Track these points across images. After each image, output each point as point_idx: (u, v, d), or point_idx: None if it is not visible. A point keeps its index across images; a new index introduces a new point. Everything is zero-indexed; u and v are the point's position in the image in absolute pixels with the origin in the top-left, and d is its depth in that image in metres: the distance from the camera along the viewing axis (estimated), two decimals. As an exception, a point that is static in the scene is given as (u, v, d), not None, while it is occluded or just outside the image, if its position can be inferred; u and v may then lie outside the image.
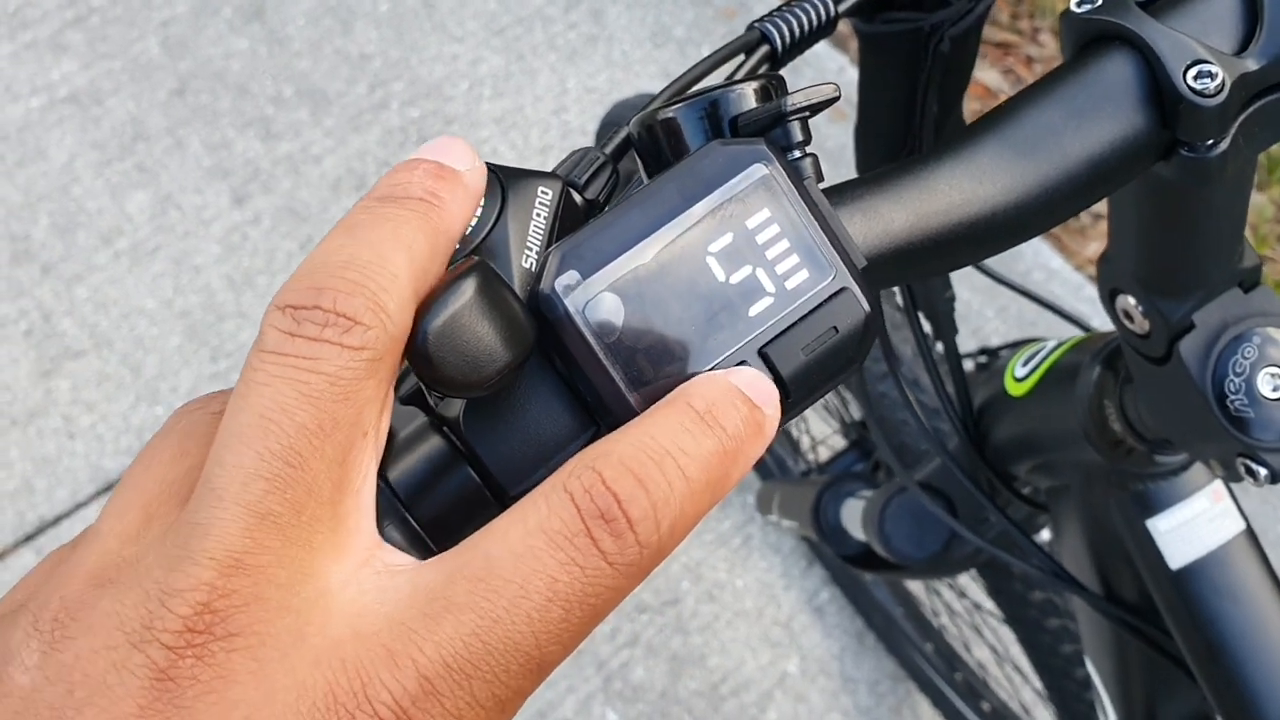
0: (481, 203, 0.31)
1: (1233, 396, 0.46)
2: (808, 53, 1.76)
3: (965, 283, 1.58)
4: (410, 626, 0.23)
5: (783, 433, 1.41)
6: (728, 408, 0.26)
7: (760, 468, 1.44)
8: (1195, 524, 0.58)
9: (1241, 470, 0.47)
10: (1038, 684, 1.13)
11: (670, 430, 0.26)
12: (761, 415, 0.27)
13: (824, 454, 1.37)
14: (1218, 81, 0.35)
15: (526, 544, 0.24)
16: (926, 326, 0.69)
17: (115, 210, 1.68)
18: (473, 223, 0.31)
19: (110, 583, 0.23)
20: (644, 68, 1.79)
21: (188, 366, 1.57)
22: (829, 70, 1.75)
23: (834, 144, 1.70)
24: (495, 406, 0.30)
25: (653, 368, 0.29)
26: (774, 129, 0.32)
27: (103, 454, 1.52)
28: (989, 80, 1.80)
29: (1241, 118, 0.37)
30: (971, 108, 1.73)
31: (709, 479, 0.25)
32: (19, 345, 1.59)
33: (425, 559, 0.26)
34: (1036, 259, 1.62)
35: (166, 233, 1.66)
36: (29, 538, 1.47)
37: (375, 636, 0.23)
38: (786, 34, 0.42)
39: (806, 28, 0.42)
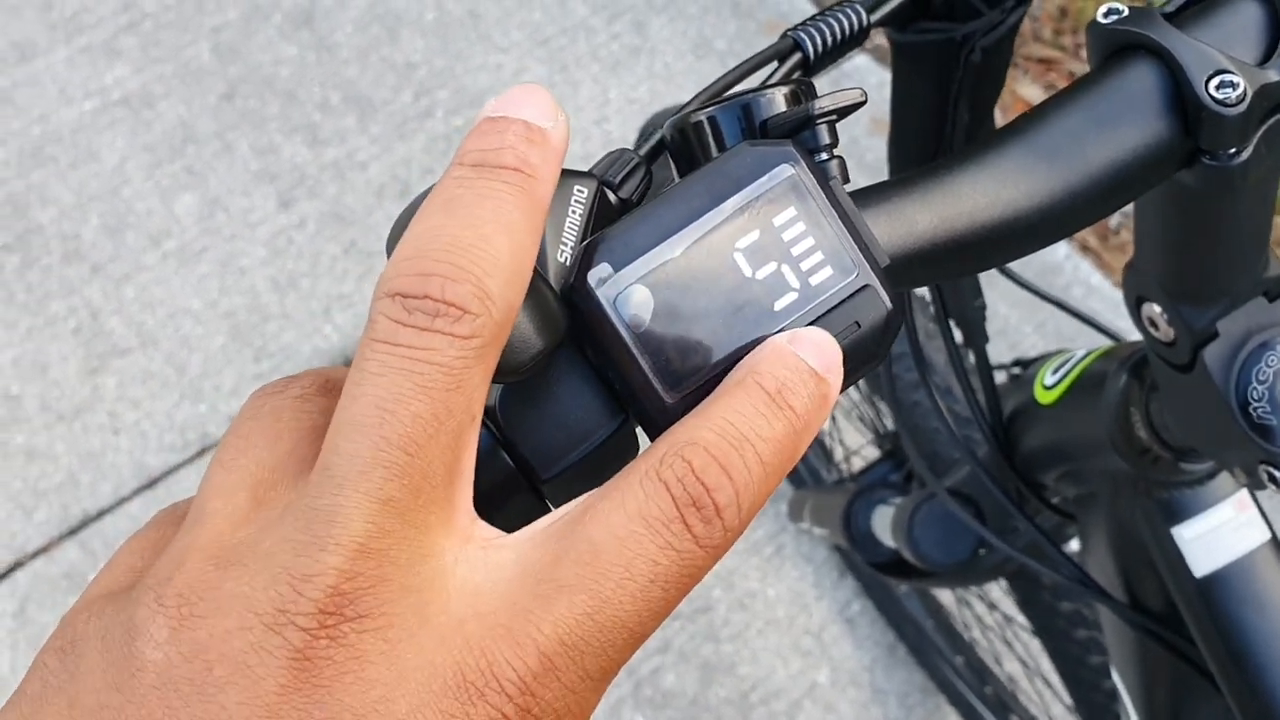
0: None
1: (1256, 404, 0.47)
2: (848, 65, 1.75)
3: (1006, 299, 1.58)
4: (526, 606, 0.24)
5: (815, 442, 1.42)
6: (797, 385, 0.28)
7: (793, 476, 1.44)
8: (1220, 532, 0.58)
9: (1265, 478, 0.47)
10: (1068, 698, 1.13)
11: (747, 415, 0.27)
12: (827, 386, 0.28)
13: (857, 464, 1.37)
14: (1239, 91, 0.36)
15: (629, 529, 0.25)
16: (958, 335, 0.70)
17: (164, 212, 1.71)
18: None
19: (232, 564, 0.24)
20: (685, 79, 1.80)
21: (231, 366, 1.60)
22: (870, 85, 1.76)
23: (874, 157, 1.71)
24: (529, 396, 0.31)
25: (680, 358, 0.30)
26: (802, 131, 0.34)
27: (146, 450, 1.54)
28: (1031, 95, 1.80)
29: (1264, 127, 0.38)
30: (1012, 122, 1.72)
31: (781, 461, 0.27)
32: (68, 342, 1.62)
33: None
34: (1076, 274, 1.62)
35: (213, 235, 1.69)
36: (73, 531, 1.50)
37: (493, 616, 0.24)
38: (819, 42, 0.43)
39: (839, 36, 0.43)
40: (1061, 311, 0.74)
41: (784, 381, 0.28)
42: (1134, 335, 0.70)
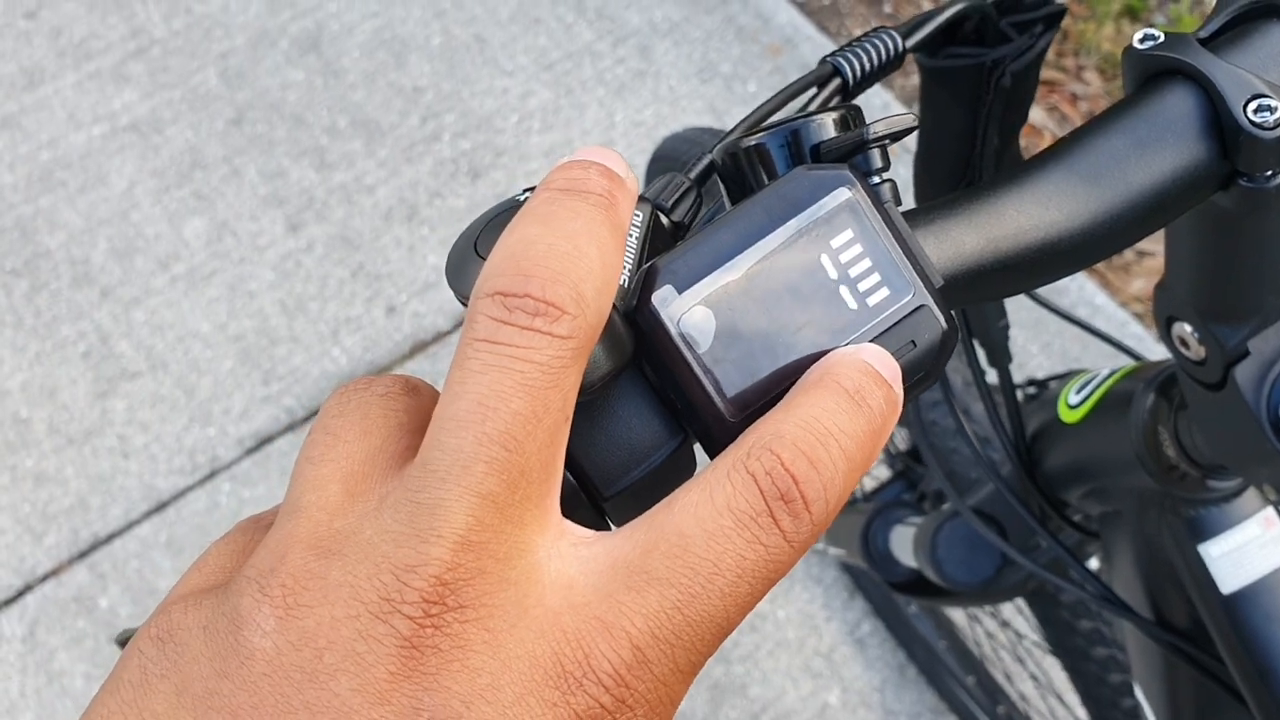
0: None
1: (1288, 422, 0.47)
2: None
3: (1011, 317, 1.58)
4: (618, 599, 0.25)
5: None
6: (872, 387, 0.28)
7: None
8: (1247, 549, 0.59)
9: (1296, 494, 0.48)
10: (1081, 716, 1.13)
11: (830, 411, 0.27)
12: (895, 393, 0.29)
13: (868, 484, 1.38)
14: (1277, 115, 0.37)
15: (717, 523, 0.25)
16: (980, 355, 0.70)
17: (173, 236, 1.72)
18: None
19: (334, 554, 0.25)
20: (690, 103, 1.82)
21: (240, 389, 1.60)
22: (875, 107, 1.77)
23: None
24: (591, 414, 0.32)
25: (741, 377, 0.31)
26: (855, 155, 0.34)
27: (156, 473, 1.55)
28: (1034, 117, 1.81)
29: (1300, 150, 0.38)
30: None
31: (863, 456, 0.27)
32: (77, 366, 1.62)
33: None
34: (1081, 295, 1.63)
35: (222, 258, 1.70)
36: (83, 555, 1.50)
37: (588, 608, 0.25)
38: (858, 68, 0.43)
39: (876, 62, 0.44)
40: (1068, 332, 0.74)
41: (860, 383, 0.28)
42: (1149, 356, 0.71)
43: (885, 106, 1.77)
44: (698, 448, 0.33)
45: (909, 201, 0.54)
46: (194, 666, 0.24)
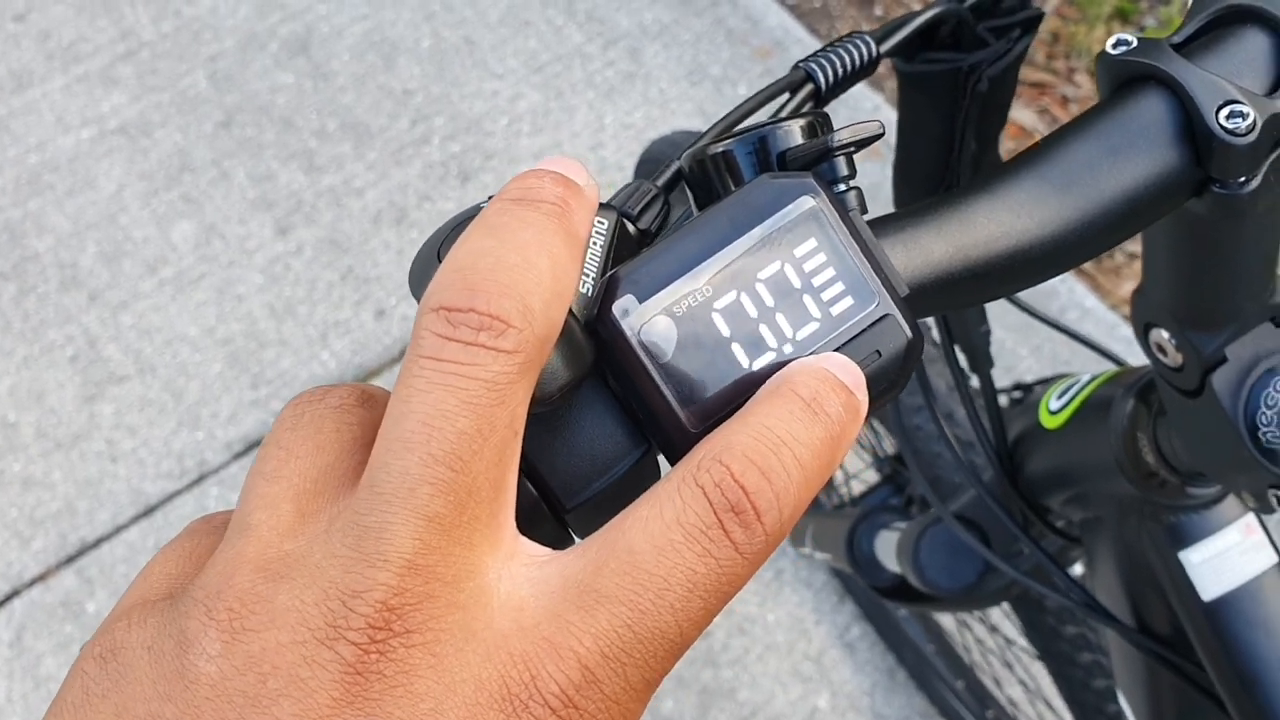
0: None
1: (1264, 429, 0.47)
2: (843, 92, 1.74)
3: (1000, 321, 1.58)
4: (567, 619, 0.24)
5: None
6: (829, 394, 0.28)
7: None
8: (1228, 556, 0.59)
9: (1274, 501, 0.48)
10: (1070, 721, 1.13)
11: (783, 419, 0.27)
12: (856, 400, 0.28)
13: (857, 488, 1.37)
14: (1249, 121, 0.36)
15: (667, 537, 0.25)
16: (962, 360, 0.70)
17: (161, 239, 1.71)
18: None
19: (282, 577, 0.24)
20: (680, 105, 1.81)
21: (229, 393, 1.60)
22: (864, 109, 1.77)
23: (868, 182, 1.72)
24: (553, 425, 0.32)
25: (704, 388, 0.30)
26: (820, 163, 0.34)
27: (144, 478, 1.54)
28: (1024, 120, 1.81)
29: (1273, 156, 0.38)
30: (1007, 146, 1.74)
31: (819, 465, 0.27)
32: (65, 370, 1.62)
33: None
34: (1071, 297, 1.63)
35: (210, 262, 1.69)
36: (70, 559, 1.49)
37: (536, 629, 0.24)
38: (830, 73, 0.43)
39: (849, 67, 0.44)
40: (1057, 335, 0.74)
41: (816, 390, 0.28)
42: (1133, 358, 0.71)
43: (875, 109, 1.77)
44: (662, 459, 0.32)
45: (889, 206, 0.53)
46: (136, 687, 0.24)
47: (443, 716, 0.23)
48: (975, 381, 0.72)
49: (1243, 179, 0.38)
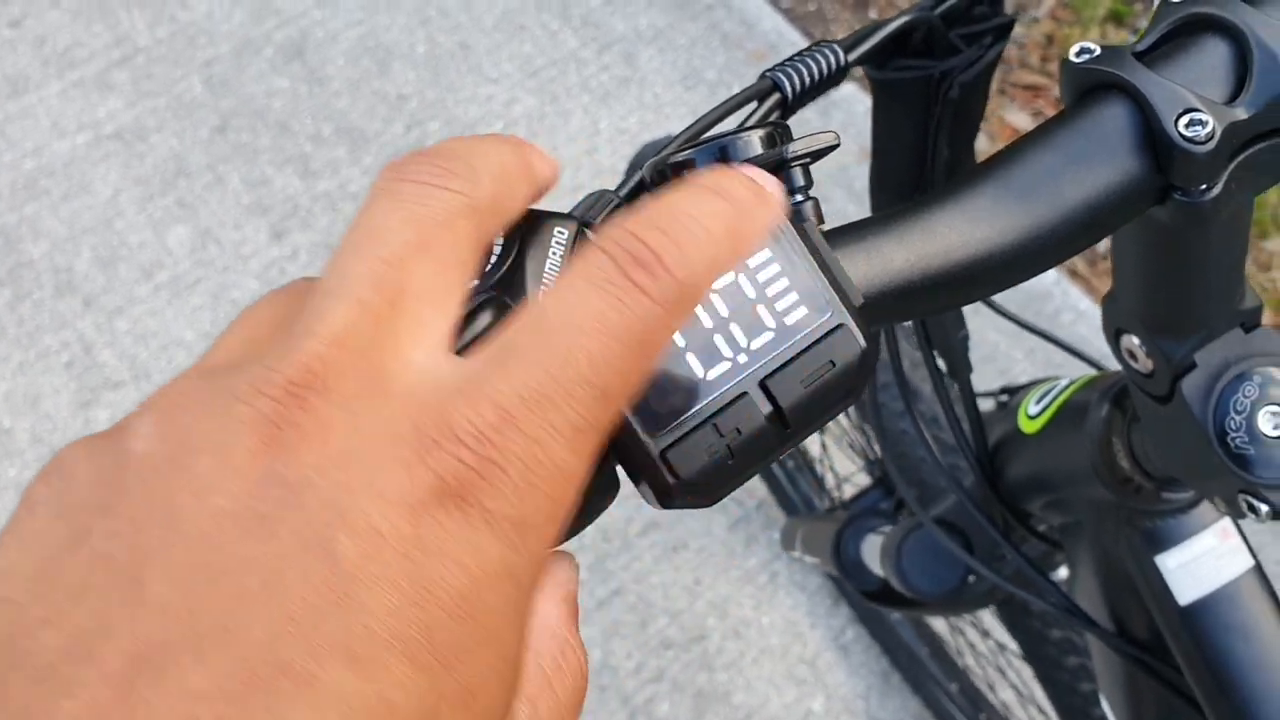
0: (501, 242, 0.33)
1: (1234, 434, 0.47)
2: (837, 96, 1.76)
3: (994, 326, 1.58)
4: (482, 374, 0.25)
5: (808, 469, 1.42)
6: (732, 182, 0.28)
7: (786, 503, 1.44)
8: (1203, 561, 0.59)
9: (1244, 506, 0.48)
10: (1060, 724, 1.13)
11: (683, 198, 0.27)
12: (763, 190, 0.29)
13: (849, 491, 1.38)
14: (1208, 129, 0.37)
15: (573, 291, 0.26)
16: (942, 365, 0.70)
17: (156, 244, 1.72)
18: (493, 260, 0.33)
19: (222, 369, 0.26)
20: (675, 110, 1.82)
21: (224, 398, 1.60)
22: (858, 113, 1.77)
23: (862, 184, 1.72)
24: None
25: (659, 399, 0.31)
26: (777, 174, 0.34)
27: (139, 483, 1.54)
28: (1018, 122, 1.81)
29: (1233, 164, 0.38)
30: (1002, 149, 1.74)
31: (727, 228, 0.27)
32: (60, 376, 1.62)
33: None
34: (1065, 300, 1.63)
35: (206, 267, 1.70)
36: (66, 565, 1.50)
37: (452, 383, 0.25)
38: (797, 82, 0.43)
39: (817, 76, 0.44)
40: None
41: (719, 179, 0.28)
42: (1116, 364, 0.71)
43: (867, 113, 1.77)
44: (623, 474, 0.33)
45: (865, 211, 0.54)
46: (74, 484, 0.25)
47: (354, 458, 0.24)
48: (957, 387, 0.72)
49: (1204, 186, 0.38)
